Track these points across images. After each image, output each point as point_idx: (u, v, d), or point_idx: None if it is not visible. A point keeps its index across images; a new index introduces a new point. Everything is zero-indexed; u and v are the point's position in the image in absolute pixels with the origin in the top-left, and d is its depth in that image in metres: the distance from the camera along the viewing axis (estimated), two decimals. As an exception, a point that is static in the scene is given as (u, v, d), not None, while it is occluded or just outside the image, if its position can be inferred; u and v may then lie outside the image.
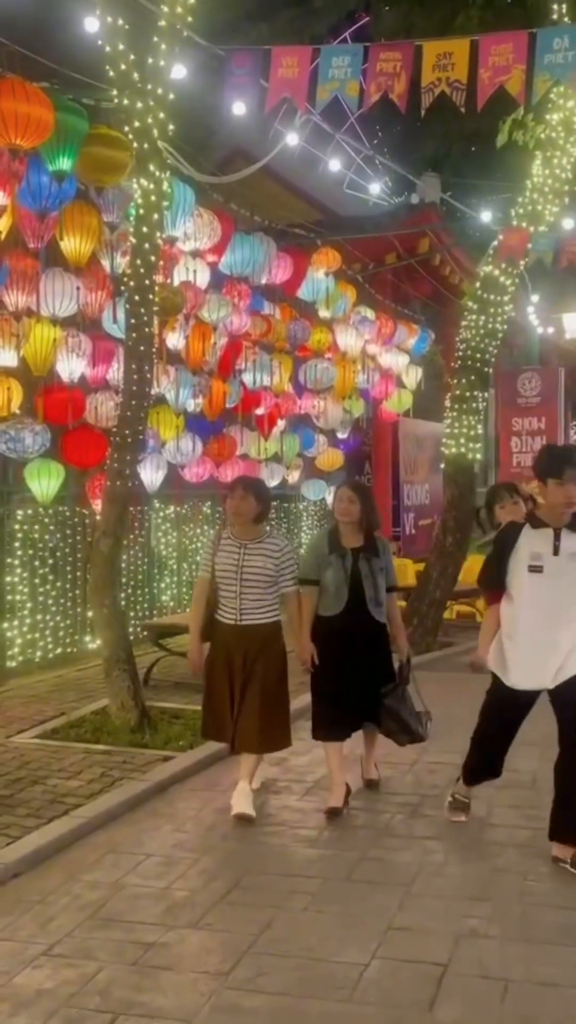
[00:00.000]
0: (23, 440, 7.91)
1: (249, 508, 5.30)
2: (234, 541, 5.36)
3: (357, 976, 3.61)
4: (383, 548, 5.56)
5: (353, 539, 5.46)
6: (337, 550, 5.42)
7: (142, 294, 6.86)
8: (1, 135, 5.91)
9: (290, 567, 5.37)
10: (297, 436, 12.20)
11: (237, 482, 5.59)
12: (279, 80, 6.04)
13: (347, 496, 5.49)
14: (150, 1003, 3.45)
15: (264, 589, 5.30)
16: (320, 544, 5.54)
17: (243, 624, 5.29)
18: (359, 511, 5.43)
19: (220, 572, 5.32)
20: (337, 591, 5.38)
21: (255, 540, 5.33)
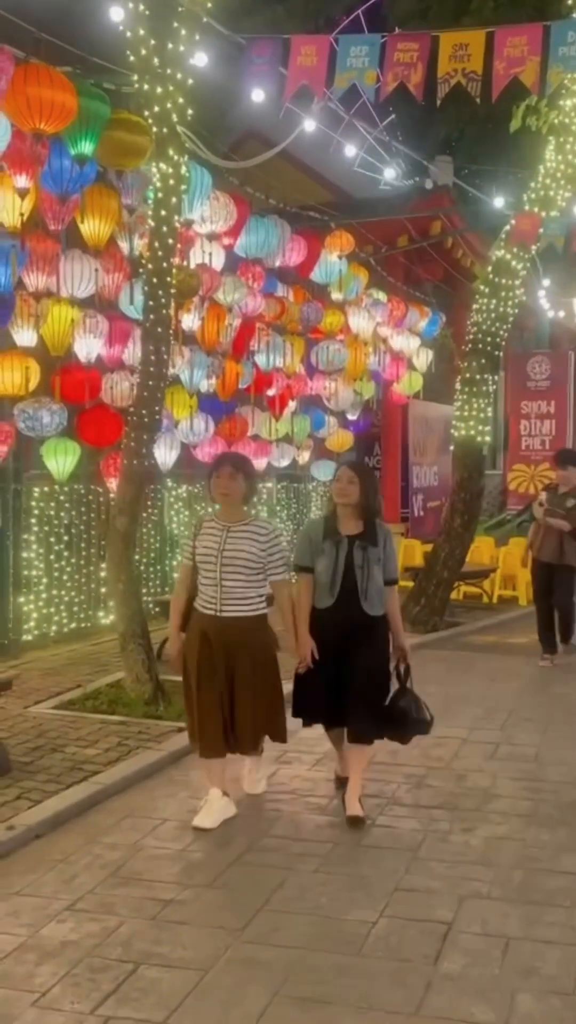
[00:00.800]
0: (40, 419, 8.08)
1: (238, 488, 4.90)
2: (217, 524, 4.92)
3: (366, 932, 3.80)
4: (384, 537, 5.05)
5: (351, 524, 5.01)
6: (332, 536, 4.99)
7: (160, 276, 7.01)
8: (25, 119, 6.04)
9: (279, 552, 4.93)
10: (308, 417, 12.34)
11: (223, 460, 5.07)
12: (298, 68, 6.15)
13: (347, 476, 5.03)
14: (169, 954, 3.64)
15: (247, 577, 4.84)
16: (315, 528, 5.13)
17: (224, 616, 4.83)
18: (358, 493, 4.97)
19: (200, 557, 4.88)
20: (329, 582, 4.96)
21: (240, 523, 4.90)
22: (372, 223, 12.63)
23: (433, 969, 3.53)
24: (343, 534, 4.99)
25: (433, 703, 7.32)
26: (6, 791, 5.22)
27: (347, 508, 5.02)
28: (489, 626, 11.04)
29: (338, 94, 6.28)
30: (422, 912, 3.97)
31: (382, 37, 6.07)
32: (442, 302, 15.24)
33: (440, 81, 5.86)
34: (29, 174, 6.54)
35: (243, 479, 4.92)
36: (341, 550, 4.95)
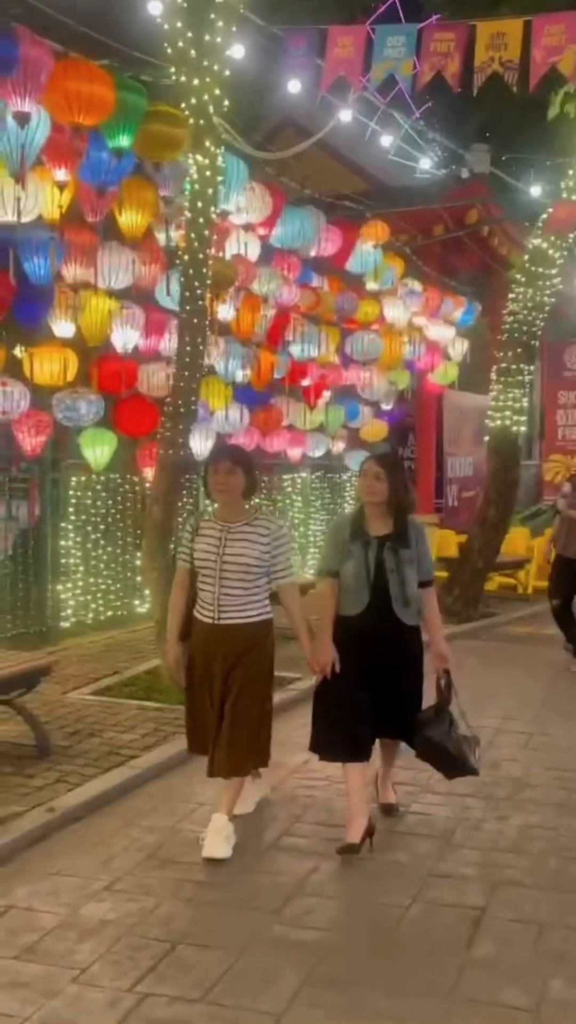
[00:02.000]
0: (78, 409, 8.18)
1: (237, 484, 4.44)
2: (216, 523, 4.49)
3: (399, 917, 3.85)
4: (416, 536, 4.60)
5: (380, 524, 4.55)
6: (360, 537, 4.54)
7: (196, 268, 7.06)
8: (64, 113, 6.11)
9: (286, 553, 4.50)
10: (342, 407, 12.35)
11: (220, 453, 4.68)
12: (335, 59, 6.17)
13: (372, 471, 4.55)
14: (206, 935, 3.72)
15: (249, 582, 4.41)
16: (341, 529, 4.65)
17: (222, 623, 4.41)
18: (387, 490, 4.50)
19: (199, 561, 4.46)
20: (357, 587, 4.50)
21: (240, 522, 4.46)
22: (407, 212, 12.58)
23: (466, 954, 3.58)
24: (372, 535, 4.54)
25: (467, 693, 7.33)
26: (46, 774, 5.34)
27: (376, 506, 4.56)
28: (523, 617, 11.01)
29: (375, 84, 6.27)
30: (455, 898, 4.01)
31: (419, 27, 6.07)
32: (478, 291, 15.14)
33: (477, 70, 5.85)
34: (68, 167, 6.61)
35: (242, 473, 4.46)
36: (371, 552, 4.50)
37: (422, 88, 6.30)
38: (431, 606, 4.69)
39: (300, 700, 6.51)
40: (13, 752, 5.65)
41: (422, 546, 4.64)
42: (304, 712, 4.71)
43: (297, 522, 12.85)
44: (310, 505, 13.11)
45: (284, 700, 6.50)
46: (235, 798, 4.55)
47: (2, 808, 4.81)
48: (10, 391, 7.53)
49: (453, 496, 15.66)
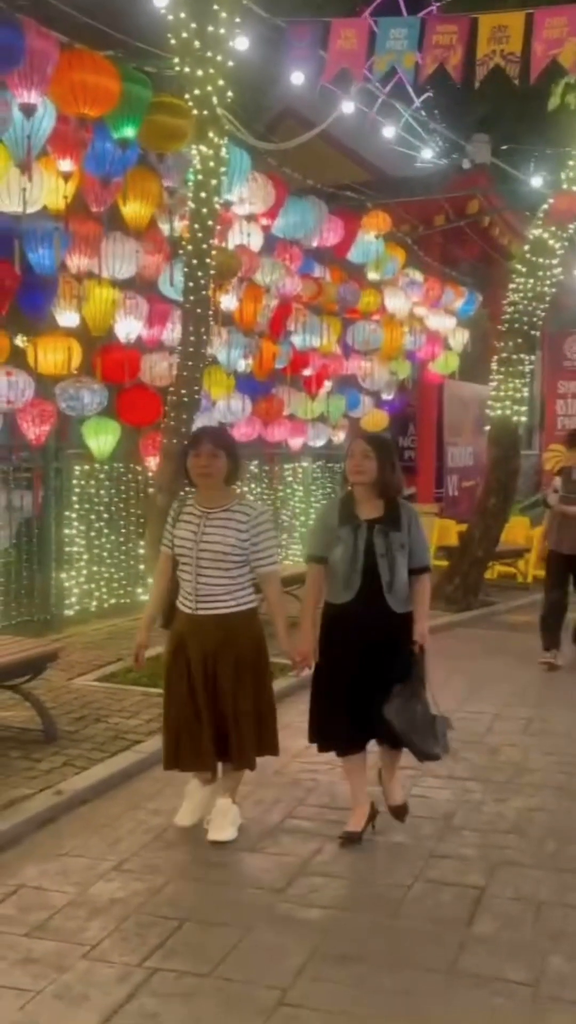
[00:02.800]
0: (82, 398, 8.24)
1: (220, 468, 4.27)
2: (196, 509, 4.34)
3: (402, 896, 3.94)
4: (408, 519, 4.38)
5: (370, 507, 4.36)
6: (350, 521, 4.34)
7: (200, 258, 7.12)
8: (70, 104, 6.16)
9: (267, 541, 4.33)
10: (343, 397, 12.41)
11: (202, 436, 4.44)
12: (337, 52, 6.22)
13: (360, 450, 4.34)
14: (213, 913, 3.80)
15: (227, 570, 4.25)
16: (330, 514, 4.46)
17: (200, 614, 4.27)
18: (376, 469, 4.31)
19: (178, 548, 4.33)
20: (347, 574, 4.32)
21: (220, 508, 4.29)
22: (408, 202, 12.62)
23: (467, 931, 3.67)
24: (362, 518, 4.34)
25: (467, 680, 7.53)
26: (53, 758, 5.42)
27: (364, 488, 4.37)
28: (523, 606, 11.09)
29: (378, 77, 6.32)
30: (456, 877, 4.10)
31: (421, 19, 6.11)
32: (478, 281, 15.19)
33: (479, 63, 5.90)
34: (73, 158, 6.66)
35: (225, 457, 4.28)
36: (360, 537, 4.30)
37: (424, 80, 6.35)
38: (421, 591, 4.45)
39: (302, 686, 6.57)
40: (20, 737, 5.73)
41: (415, 531, 4.41)
42: (306, 698, 4.75)
43: (298, 511, 12.93)
44: (311, 494, 13.18)
45: (287, 686, 6.58)
46: (237, 784, 4.55)
47: (11, 791, 4.89)
48: (15, 380, 7.59)
49: (453, 486, 15.73)
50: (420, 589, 4.45)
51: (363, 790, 4.50)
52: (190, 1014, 3.13)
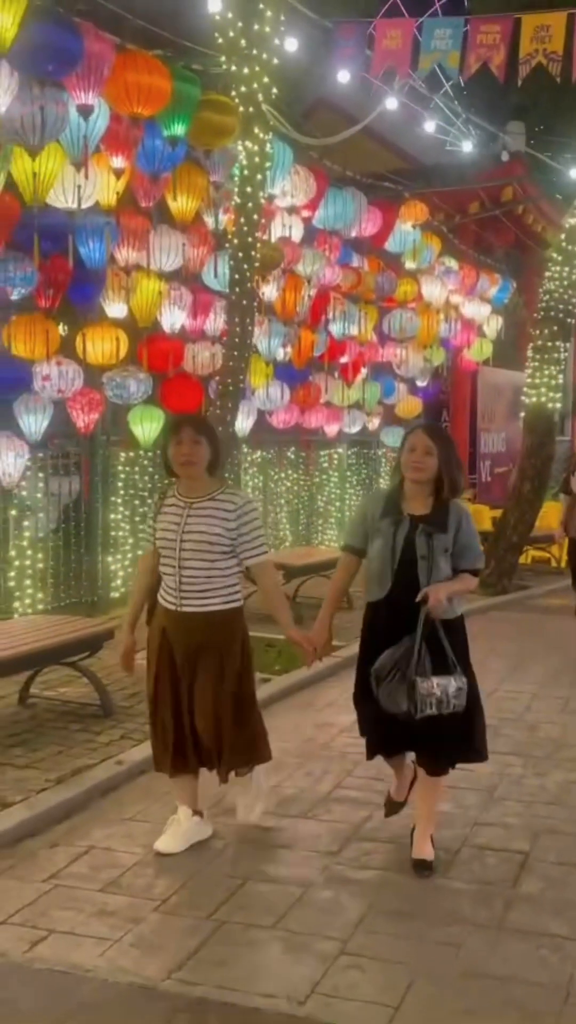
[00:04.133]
0: (128, 387, 8.49)
1: (202, 455, 4.07)
2: (179, 500, 4.11)
3: (450, 859, 4.17)
4: (458, 520, 3.99)
5: (418, 504, 4.00)
6: (392, 514, 4.00)
7: (245, 251, 7.34)
8: (123, 104, 6.38)
9: (255, 531, 4.10)
10: (378, 384, 12.60)
11: (183, 423, 4.18)
12: (383, 51, 6.40)
13: (423, 445, 3.94)
14: (273, 872, 4.06)
15: (211, 563, 4.03)
16: (373, 504, 4.13)
17: (184, 611, 4.06)
18: (435, 466, 3.94)
19: (160, 541, 4.12)
20: (381, 571, 3.98)
21: (203, 497, 4.08)
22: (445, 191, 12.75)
23: (513, 891, 3.90)
24: (406, 513, 4.00)
25: (504, 661, 7.74)
26: (111, 732, 5.70)
27: (419, 485, 4.00)
28: (557, 590, 11.25)
29: (421, 75, 6.50)
30: (501, 843, 4.33)
31: (465, 20, 6.28)
32: (513, 268, 15.29)
33: (521, 62, 6.06)
34: (125, 155, 6.89)
35: (207, 444, 4.09)
36: (400, 532, 3.96)
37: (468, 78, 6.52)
38: (462, 577, 4.02)
39: (346, 665, 6.81)
40: (80, 711, 6.02)
41: (465, 536, 4.00)
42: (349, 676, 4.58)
43: (333, 497, 13.15)
44: (346, 481, 13.40)
45: (332, 665, 6.82)
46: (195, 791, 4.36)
47: (75, 761, 5.17)
48: (65, 370, 7.84)
49: (486, 471, 15.90)
50: (462, 576, 4.02)
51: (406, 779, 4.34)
52: (258, 961, 3.39)
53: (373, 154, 13.62)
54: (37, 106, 5.85)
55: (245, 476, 11.68)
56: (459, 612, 4.10)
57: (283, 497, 12.47)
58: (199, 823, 4.33)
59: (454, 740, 4.02)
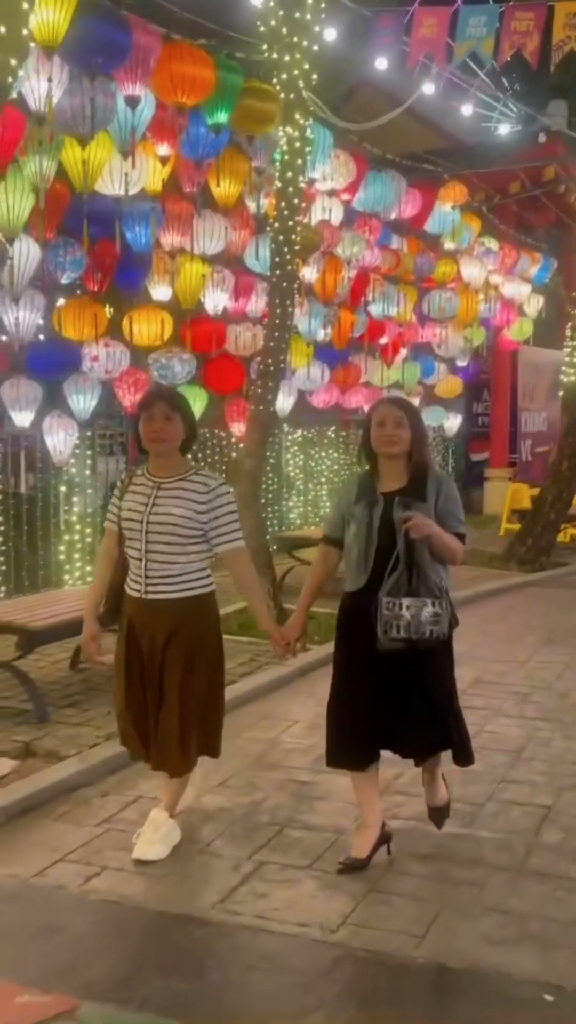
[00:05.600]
0: (173, 367, 8.78)
1: (175, 433, 3.83)
2: (148, 480, 3.88)
3: (475, 811, 4.42)
4: (438, 487, 3.74)
5: (393, 480, 3.76)
6: (366, 496, 3.75)
7: (286, 234, 7.56)
8: (169, 94, 6.63)
9: (228, 516, 3.85)
10: (418, 364, 12.76)
11: (154, 397, 3.93)
12: (420, 39, 6.57)
13: (393, 418, 3.71)
14: (308, 820, 4.34)
15: (179, 547, 3.78)
16: (347, 489, 3.91)
17: (150, 598, 3.83)
18: (409, 439, 3.72)
19: (126, 523, 3.87)
20: (360, 556, 3.71)
21: (174, 478, 3.84)
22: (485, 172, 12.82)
23: (534, 839, 4.14)
24: (379, 493, 3.75)
25: (538, 634, 7.94)
26: (157, 694, 6.01)
27: (393, 460, 3.76)
28: (594, 567, 11.41)
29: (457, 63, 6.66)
30: (525, 798, 4.57)
31: (500, 8, 6.42)
32: (553, 247, 15.30)
33: (554, 48, 6.19)
34: (170, 143, 7.14)
35: (181, 420, 3.85)
36: (376, 513, 3.70)
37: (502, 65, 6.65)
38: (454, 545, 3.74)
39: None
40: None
41: (446, 502, 3.73)
42: None
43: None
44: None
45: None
46: (178, 793, 4.14)
47: (124, 720, 5.49)
48: (112, 351, 8.15)
49: (527, 451, 15.97)
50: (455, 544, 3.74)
51: (374, 809, 3.92)
52: (294, 896, 3.67)
53: (413, 133, 13.68)
54: (87, 98, 6.12)
55: (286, 455, 11.96)
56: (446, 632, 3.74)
57: (323, 475, 12.72)
58: (174, 825, 4.05)
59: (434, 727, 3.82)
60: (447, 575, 3.79)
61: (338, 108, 11.28)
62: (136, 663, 3.94)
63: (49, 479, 8.61)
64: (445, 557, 3.73)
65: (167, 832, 4.04)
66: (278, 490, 11.79)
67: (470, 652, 7.10)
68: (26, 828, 4.20)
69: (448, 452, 15.97)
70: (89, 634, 4.06)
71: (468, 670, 6.59)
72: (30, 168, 6.41)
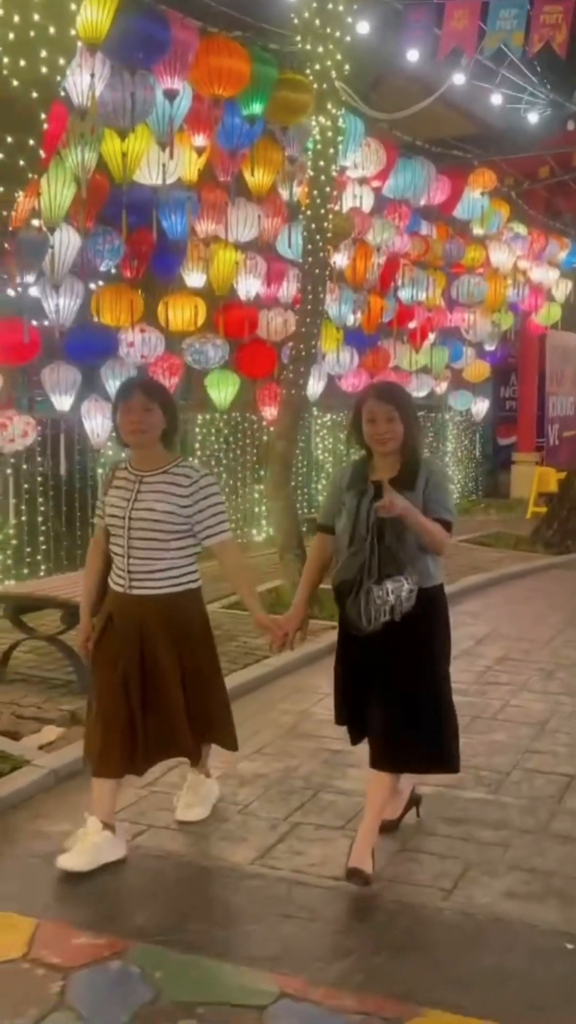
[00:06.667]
0: (206, 352, 9.00)
1: (155, 424, 3.72)
2: (130, 474, 3.78)
3: (501, 779, 4.63)
4: (427, 475, 3.61)
5: (386, 470, 3.64)
6: (357, 484, 3.66)
7: (318, 222, 7.73)
8: (206, 87, 6.81)
9: (214, 507, 3.75)
10: (446, 349, 12.89)
11: (132, 386, 3.83)
12: (451, 31, 6.70)
13: (384, 413, 3.57)
14: (341, 785, 4.57)
15: (162, 542, 3.68)
16: (341, 477, 3.81)
17: (134, 594, 3.73)
18: (402, 432, 3.58)
19: (109, 520, 3.78)
20: (346, 546, 3.62)
21: (156, 471, 3.74)
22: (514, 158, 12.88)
23: (558, 805, 4.34)
24: (370, 481, 3.64)
25: (563, 614, 8.11)
26: (194, 668, 6.26)
27: (388, 456, 3.64)
28: (620, 550, 11.51)
29: (487, 55, 6.79)
30: (548, 767, 4.77)
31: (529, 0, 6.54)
32: (582, 232, 15.32)
33: (584, 40, 6.31)
34: (206, 133, 7.33)
35: (160, 411, 3.73)
36: (365, 502, 3.58)
37: (532, 56, 6.77)
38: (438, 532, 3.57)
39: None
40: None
41: (432, 490, 3.60)
42: None
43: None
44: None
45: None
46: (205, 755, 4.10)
47: (163, 691, 5.74)
48: (148, 337, 8.37)
49: (554, 435, 16.07)
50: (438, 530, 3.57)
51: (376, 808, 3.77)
52: (329, 853, 3.90)
53: (442, 119, 13.71)
54: (128, 92, 6.32)
55: (315, 439, 12.14)
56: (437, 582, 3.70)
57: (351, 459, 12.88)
58: (110, 839, 3.77)
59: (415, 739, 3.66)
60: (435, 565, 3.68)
61: (367, 95, 11.38)
62: (115, 663, 3.76)
63: (87, 462, 8.87)
64: (427, 543, 3.57)
65: (206, 793, 4.22)
66: (307, 473, 11.99)
67: (496, 631, 7.31)
68: (76, 789, 4.45)
69: (475, 436, 16.09)
70: (86, 633, 3.95)
71: (494, 648, 6.80)
72: (71, 160, 6.62)
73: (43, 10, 4.24)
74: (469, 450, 15.99)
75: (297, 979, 3.06)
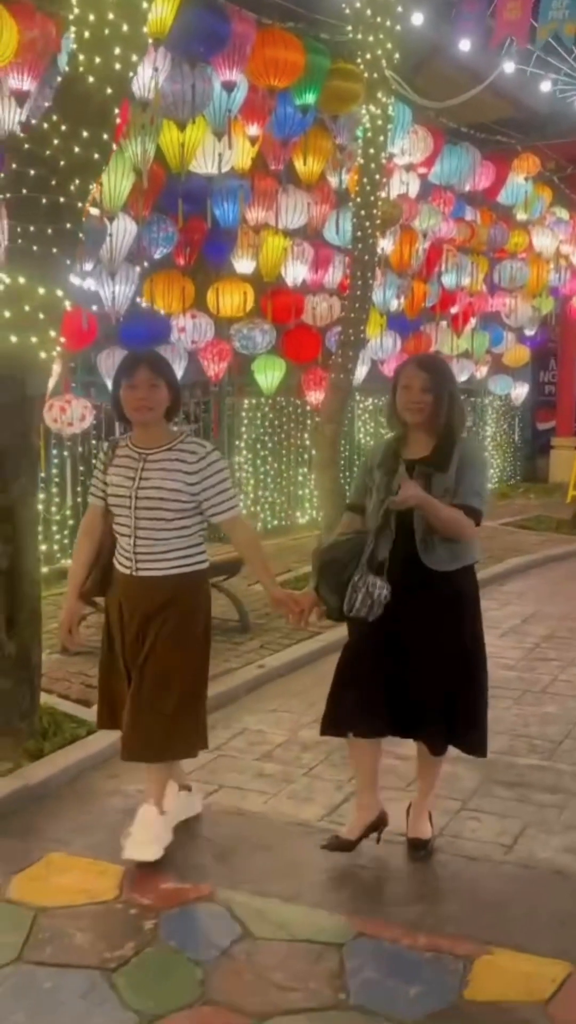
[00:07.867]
0: (254, 338, 9.18)
1: (160, 400, 3.60)
2: (133, 452, 3.65)
3: (553, 747, 4.83)
4: (461, 457, 3.47)
5: (420, 447, 3.52)
6: (388, 463, 3.52)
7: (367, 209, 7.89)
8: (261, 78, 6.99)
9: (222, 483, 3.60)
10: (487, 333, 12.98)
11: (137, 363, 3.61)
12: (504, 22, 6.82)
13: (419, 381, 3.45)
14: (400, 751, 4.65)
15: (169, 521, 3.57)
16: (374, 454, 3.68)
17: (140, 575, 3.62)
18: (432, 404, 3.44)
19: (113, 498, 3.65)
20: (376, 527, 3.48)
21: (161, 448, 3.61)
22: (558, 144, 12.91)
23: (609, 771, 4.54)
24: (403, 460, 3.51)
25: None
26: (250, 643, 6.51)
27: (419, 426, 3.50)
28: None
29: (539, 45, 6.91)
30: (601, 736, 4.96)
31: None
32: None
33: None
34: (260, 123, 7.51)
35: (166, 387, 3.61)
36: (396, 483, 3.43)
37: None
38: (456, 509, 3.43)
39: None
40: (222, 626, 6.82)
41: (465, 473, 3.44)
42: None
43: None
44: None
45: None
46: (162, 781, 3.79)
47: (223, 664, 5.98)
48: (198, 322, 8.58)
49: (593, 419, 16.09)
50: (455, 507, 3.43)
51: (371, 786, 3.77)
52: (393, 811, 4.08)
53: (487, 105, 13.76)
54: (188, 84, 6.51)
55: (358, 422, 12.32)
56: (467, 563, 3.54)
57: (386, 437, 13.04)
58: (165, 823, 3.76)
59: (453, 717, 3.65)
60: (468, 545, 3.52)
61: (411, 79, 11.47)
62: (118, 644, 3.71)
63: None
64: (447, 532, 3.41)
65: (159, 832, 3.70)
66: (350, 456, 12.17)
67: (542, 610, 7.47)
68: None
69: (515, 421, 16.18)
70: (70, 615, 3.82)
71: (540, 627, 6.97)
72: (131, 150, 6.83)
73: (117, 9, 4.43)
74: (508, 435, 16.08)
75: (372, 921, 3.29)
